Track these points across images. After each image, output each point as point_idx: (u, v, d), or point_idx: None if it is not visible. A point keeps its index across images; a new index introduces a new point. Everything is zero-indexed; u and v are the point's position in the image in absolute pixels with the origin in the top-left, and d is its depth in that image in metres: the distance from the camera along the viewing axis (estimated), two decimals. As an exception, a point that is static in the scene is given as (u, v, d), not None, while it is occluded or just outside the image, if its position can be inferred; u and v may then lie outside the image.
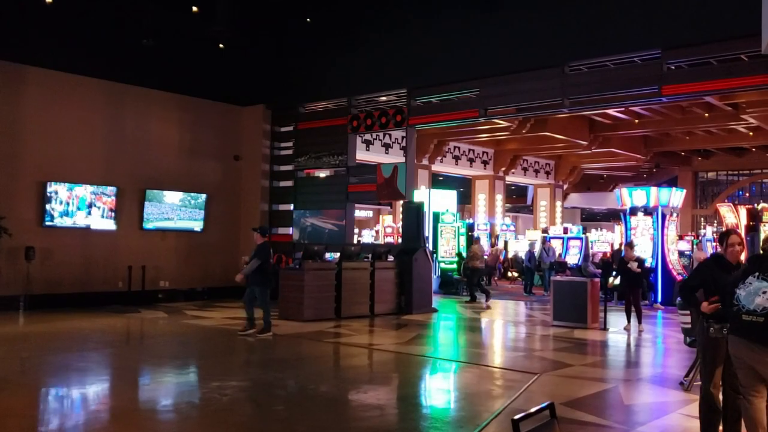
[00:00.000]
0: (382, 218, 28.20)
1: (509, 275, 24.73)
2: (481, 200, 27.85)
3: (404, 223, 15.41)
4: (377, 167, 15.82)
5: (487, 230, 25.74)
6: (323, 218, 16.56)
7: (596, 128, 23.96)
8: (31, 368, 8.57)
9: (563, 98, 13.21)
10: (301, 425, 6.09)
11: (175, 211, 16.02)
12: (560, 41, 12.97)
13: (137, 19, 14.94)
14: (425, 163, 24.08)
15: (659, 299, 16.37)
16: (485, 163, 27.24)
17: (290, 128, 17.47)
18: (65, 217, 14.12)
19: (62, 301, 13.76)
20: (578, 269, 15.13)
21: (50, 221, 13.94)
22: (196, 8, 15.17)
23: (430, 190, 21.87)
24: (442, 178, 28.29)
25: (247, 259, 10.90)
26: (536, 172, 29.98)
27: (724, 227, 23.99)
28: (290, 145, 17.46)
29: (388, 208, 29.41)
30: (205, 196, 16.47)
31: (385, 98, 15.83)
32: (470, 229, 22.97)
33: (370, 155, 20.68)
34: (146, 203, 15.47)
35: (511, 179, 29.13)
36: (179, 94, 16.24)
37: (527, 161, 29.20)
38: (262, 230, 10.91)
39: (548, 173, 30.50)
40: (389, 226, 24.85)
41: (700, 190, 34.05)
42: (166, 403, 6.91)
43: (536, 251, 20.07)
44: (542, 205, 30.56)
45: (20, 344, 10.30)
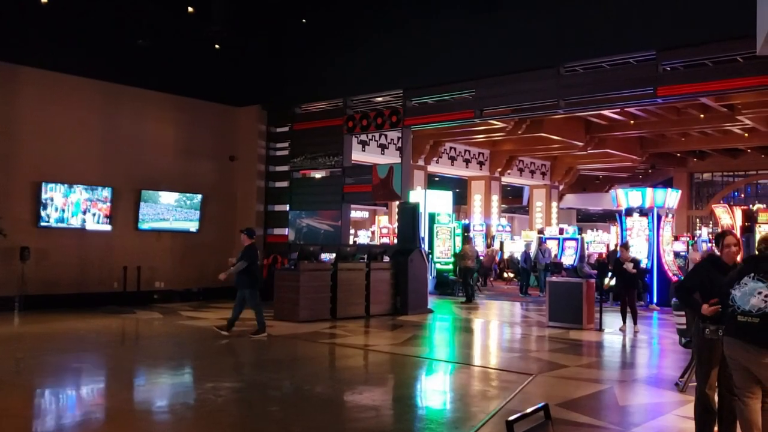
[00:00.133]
0: (377, 219, 28.20)
1: (505, 276, 24.76)
2: (476, 201, 27.88)
3: (400, 223, 15.41)
4: (373, 168, 15.82)
5: (483, 231, 25.79)
6: (319, 219, 16.55)
7: (592, 129, 24.01)
8: (26, 369, 8.55)
9: (559, 99, 13.23)
10: (296, 426, 6.08)
11: (170, 211, 15.99)
12: (556, 42, 12.98)
13: (133, 19, 14.89)
14: (421, 163, 24.10)
15: (655, 300, 16.41)
16: (481, 163, 27.27)
17: (286, 129, 17.46)
18: (59, 217, 14.07)
19: (57, 301, 13.72)
20: (574, 270, 15.14)
21: (45, 222, 13.89)
22: (191, 9, 15.15)
23: (426, 190, 21.88)
24: (438, 178, 28.31)
25: (234, 260, 10.86)
26: (532, 172, 30.02)
27: (719, 228, 24.06)
28: (286, 145, 17.44)
29: (383, 208, 29.41)
30: (200, 196, 16.44)
31: (380, 99, 15.83)
32: (466, 229, 22.99)
33: (365, 156, 20.67)
34: (142, 204, 15.43)
35: (506, 180, 29.16)
36: (175, 94, 16.21)
37: (523, 162, 29.23)
38: (249, 232, 10.81)
39: (544, 174, 30.54)
40: (385, 226, 24.86)
41: (695, 191, 34.15)
42: (160, 404, 6.89)
43: (532, 252, 20.10)
44: (538, 205, 30.59)
45: (15, 345, 10.27)
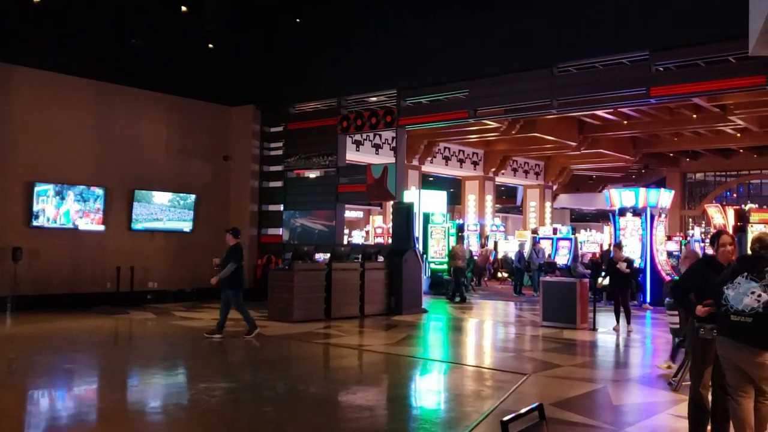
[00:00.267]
0: (372, 219, 28.20)
1: (499, 276, 24.80)
2: (471, 201, 27.91)
3: (394, 223, 15.41)
4: (367, 168, 15.81)
5: (477, 231, 25.81)
6: (313, 219, 16.52)
7: (585, 129, 24.08)
8: (18, 369, 8.50)
9: (552, 99, 13.26)
10: (290, 426, 6.07)
11: (164, 211, 15.94)
12: (549, 42, 13.01)
13: (127, 19, 14.85)
14: (415, 163, 24.11)
15: (648, 299, 16.47)
16: (475, 163, 27.30)
17: (280, 128, 17.43)
18: (52, 217, 14.01)
19: (50, 301, 13.65)
20: (567, 270, 15.18)
21: (37, 222, 13.83)
22: (185, 8, 15.10)
23: (420, 190, 21.89)
24: (432, 178, 28.33)
25: (218, 261, 10.79)
26: (526, 172, 30.08)
27: (712, 228, 24.19)
28: (280, 145, 17.41)
29: (378, 208, 29.40)
30: (194, 196, 16.39)
31: (375, 99, 15.83)
32: (460, 229, 23.03)
33: (360, 156, 20.67)
34: (135, 204, 15.37)
35: (500, 180, 29.21)
36: (168, 94, 16.15)
37: (517, 162, 29.29)
38: (235, 232, 10.72)
39: (538, 174, 30.60)
40: (379, 226, 24.85)
41: (688, 191, 34.29)
42: (154, 404, 6.87)
43: (526, 252, 20.14)
44: (532, 205, 30.66)
45: (7, 345, 10.20)
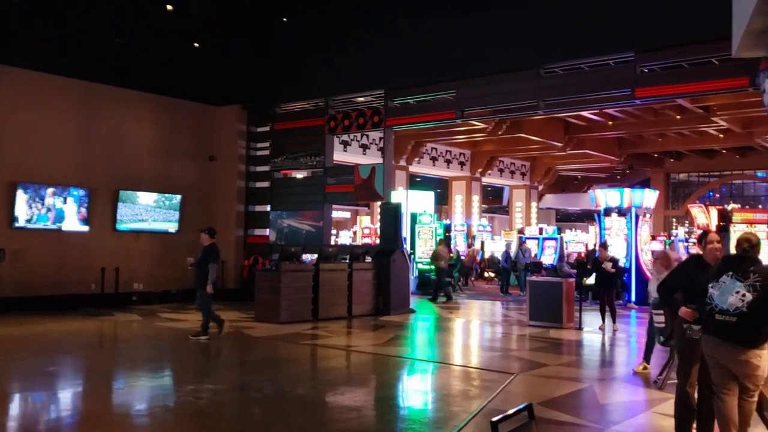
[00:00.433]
0: (359, 219, 28.18)
1: (486, 275, 24.87)
2: (458, 201, 27.98)
3: (382, 224, 15.41)
4: (355, 168, 15.80)
5: (464, 231, 25.88)
6: (300, 219, 16.48)
7: (571, 130, 24.22)
8: (1, 372, 8.39)
9: (539, 100, 13.34)
10: (277, 428, 6.06)
11: (149, 212, 15.82)
12: (536, 44, 13.08)
13: (111, 18, 14.72)
14: (403, 164, 24.12)
15: (633, 299, 16.60)
16: (462, 164, 27.37)
17: (266, 128, 17.37)
18: (35, 218, 13.86)
19: (34, 303, 13.49)
20: (553, 269, 15.24)
21: (20, 222, 13.67)
22: (170, 7, 15.01)
23: (407, 191, 21.91)
24: (419, 179, 28.36)
25: (192, 260, 10.70)
26: (512, 173, 30.20)
27: (695, 227, 24.43)
28: (267, 145, 17.35)
29: (365, 209, 29.39)
30: (180, 197, 16.29)
31: (362, 99, 15.81)
32: (447, 230, 23.07)
33: (347, 156, 20.64)
34: (120, 204, 15.25)
35: (487, 180, 29.31)
36: (154, 93, 16.03)
37: (503, 162, 29.40)
38: (210, 231, 10.66)
39: (524, 174, 30.74)
40: (367, 227, 24.84)
41: (671, 191, 34.58)
42: (140, 407, 6.81)
43: (512, 252, 20.22)
44: (518, 206, 30.79)
45: (-11, 348, 10.07)
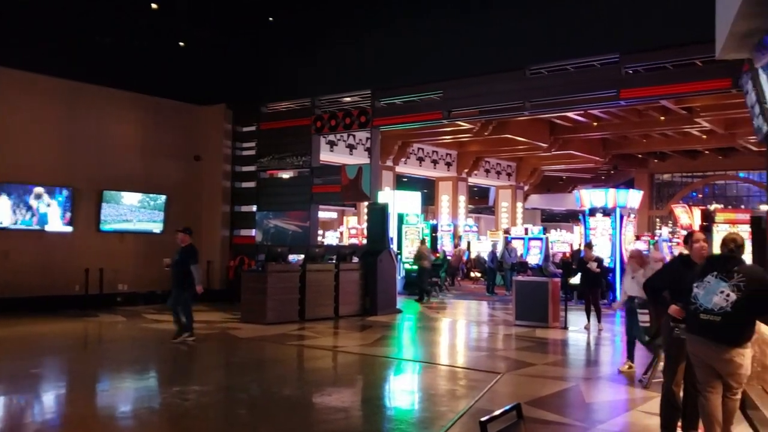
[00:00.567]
0: (346, 219, 28.14)
1: (472, 275, 24.95)
2: (444, 201, 28.04)
3: (369, 224, 15.40)
4: (342, 168, 15.78)
5: (450, 231, 25.93)
6: (287, 220, 16.42)
7: (556, 131, 24.36)
8: (-18, 375, 8.29)
9: (525, 101, 13.40)
10: (264, 429, 6.03)
11: (133, 212, 15.70)
12: (521, 45, 13.13)
13: (95, 15, 14.58)
14: (389, 164, 24.13)
15: (618, 298, 16.70)
16: (449, 164, 27.44)
17: (252, 128, 17.28)
18: (18, 219, 13.71)
19: (17, 305, 13.31)
20: (539, 269, 15.38)
21: (2, 223, 13.50)
22: (155, 5, 14.90)
23: (394, 191, 21.91)
24: (406, 179, 28.39)
25: (169, 261, 10.63)
26: (498, 173, 30.32)
27: (679, 227, 24.68)
28: (253, 145, 17.27)
29: (352, 209, 29.36)
30: (164, 197, 16.17)
31: (349, 99, 15.79)
32: (434, 230, 23.10)
33: (334, 156, 20.61)
34: (104, 204, 15.12)
35: (473, 181, 29.41)
36: (138, 93, 15.91)
37: (489, 163, 29.51)
38: (189, 231, 10.59)
39: (509, 175, 30.87)
40: (353, 227, 24.81)
41: (655, 191, 34.91)
42: (125, 409, 6.76)
43: (498, 252, 20.30)
44: (504, 206, 30.91)
45: (-29, 351, 9.95)
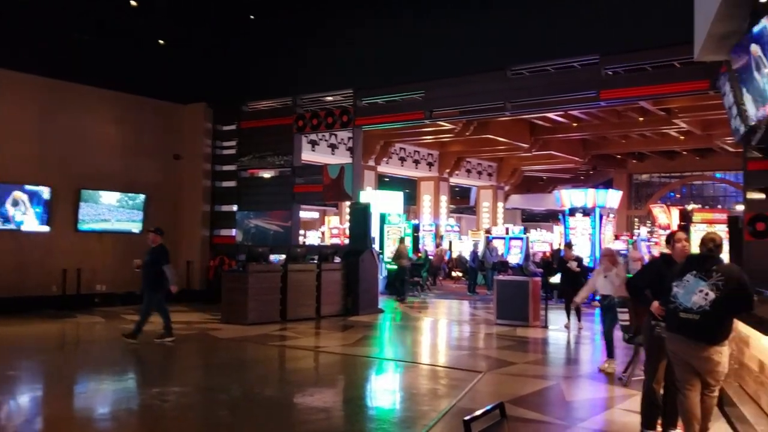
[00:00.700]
0: (327, 219, 28.07)
1: (453, 275, 25.02)
2: (426, 201, 28.09)
3: (351, 224, 15.37)
4: (323, 168, 15.73)
5: (432, 231, 25.98)
6: (268, 219, 16.33)
7: (537, 131, 24.52)
8: (-44, 378, 8.13)
9: (506, 101, 13.47)
10: (245, 430, 5.98)
11: (112, 212, 15.52)
12: (503, 46, 13.20)
13: (73, 12, 14.38)
14: (372, 164, 24.11)
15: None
16: (430, 164, 27.49)
17: (233, 127, 17.16)
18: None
19: (-9, 306, 13.11)
20: (520, 269, 15.43)
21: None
22: (134, 2, 14.74)
23: (376, 191, 21.89)
24: (388, 179, 28.39)
25: (139, 262, 10.53)
26: (479, 173, 30.45)
27: (657, 227, 24.98)
28: (233, 144, 17.14)
29: (334, 209, 29.29)
30: (143, 196, 16.00)
31: (331, 98, 15.74)
32: (416, 230, 23.12)
33: (315, 156, 20.54)
34: (82, 204, 14.91)
35: (455, 181, 29.50)
36: (117, 91, 15.71)
37: (470, 163, 29.62)
38: (160, 231, 10.57)
39: (491, 175, 31.02)
40: (335, 227, 24.76)
41: (634, 191, 35.30)
42: (103, 411, 6.67)
43: (480, 251, 20.37)
44: (485, 206, 31.05)
45: (-56, 352, 9.76)
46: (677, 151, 29.31)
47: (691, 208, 20.77)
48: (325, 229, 26.42)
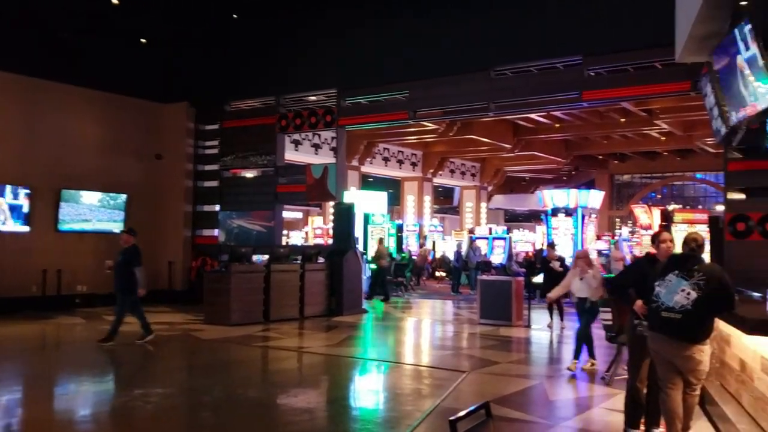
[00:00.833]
0: (311, 219, 28.00)
1: (437, 275, 25.07)
2: (410, 201, 28.12)
3: (335, 224, 15.33)
4: (307, 168, 15.67)
5: (416, 231, 26.02)
6: (251, 219, 16.23)
7: (520, 132, 24.65)
8: (-68, 381, 7.98)
9: (489, 102, 13.51)
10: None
11: (93, 212, 15.34)
12: (486, 46, 13.24)
13: (54, 10, 14.18)
14: (355, 164, 24.08)
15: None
16: (414, 164, 27.52)
17: (215, 126, 17.03)
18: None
19: (-32, 307, 12.90)
20: (503, 268, 15.54)
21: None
22: (116, 1, 14.58)
23: (360, 191, 21.87)
24: (371, 179, 28.37)
25: (111, 263, 10.43)
26: (462, 174, 30.54)
27: (638, 227, 25.22)
28: (215, 143, 17.01)
29: (317, 209, 29.22)
30: (125, 196, 15.83)
31: (314, 98, 15.69)
32: (400, 230, 23.15)
33: (299, 155, 20.48)
34: (62, 204, 14.72)
35: (438, 181, 29.56)
36: (98, 90, 15.52)
37: (454, 163, 29.71)
38: (134, 232, 10.48)
39: (474, 175, 31.13)
40: (319, 227, 24.70)
41: (615, 191, 35.63)
42: (84, 413, 6.58)
43: (463, 251, 20.43)
44: (468, 206, 31.16)
45: None
46: (658, 151, 29.63)
47: (672, 208, 21.01)
48: (308, 229, 26.35)
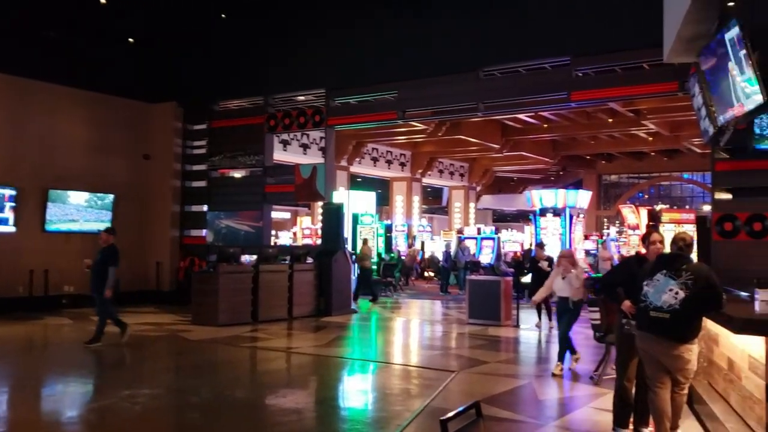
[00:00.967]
0: (299, 220, 27.93)
1: (426, 275, 25.09)
2: (398, 202, 28.12)
3: (324, 224, 15.29)
4: (295, 168, 15.62)
5: (404, 231, 26.02)
6: (239, 220, 16.16)
7: (508, 132, 24.72)
8: None
9: (478, 102, 13.53)
10: (217, 433, 5.90)
11: (80, 212, 15.21)
12: (475, 47, 13.27)
13: (41, 9, 14.04)
14: (344, 164, 24.04)
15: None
16: (403, 165, 27.53)
17: (203, 126, 16.94)
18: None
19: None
20: (491, 268, 15.56)
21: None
22: (104, 0, 14.47)
23: (349, 191, 21.84)
24: (360, 179, 28.35)
25: (89, 262, 10.36)
26: (451, 174, 30.58)
27: (626, 227, 25.39)
28: (203, 143, 16.92)
29: (305, 209, 29.15)
30: (112, 196, 15.71)
31: (303, 98, 15.65)
32: (389, 230, 23.14)
33: (287, 155, 20.41)
34: (49, 204, 14.58)
35: (427, 181, 29.58)
36: (85, 90, 15.39)
37: (443, 163, 29.74)
38: (113, 231, 10.44)
39: (462, 175, 31.19)
40: (307, 227, 24.64)
41: (603, 192, 35.83)
42: (71, 414, 6.52)
43: (452, 251, 20.46)
44: (457, 206, 31.21)
45: None
46: (645, 152, 29.81)
47: (659, 208, 21.17)
48: (297, 229, 26.27)
